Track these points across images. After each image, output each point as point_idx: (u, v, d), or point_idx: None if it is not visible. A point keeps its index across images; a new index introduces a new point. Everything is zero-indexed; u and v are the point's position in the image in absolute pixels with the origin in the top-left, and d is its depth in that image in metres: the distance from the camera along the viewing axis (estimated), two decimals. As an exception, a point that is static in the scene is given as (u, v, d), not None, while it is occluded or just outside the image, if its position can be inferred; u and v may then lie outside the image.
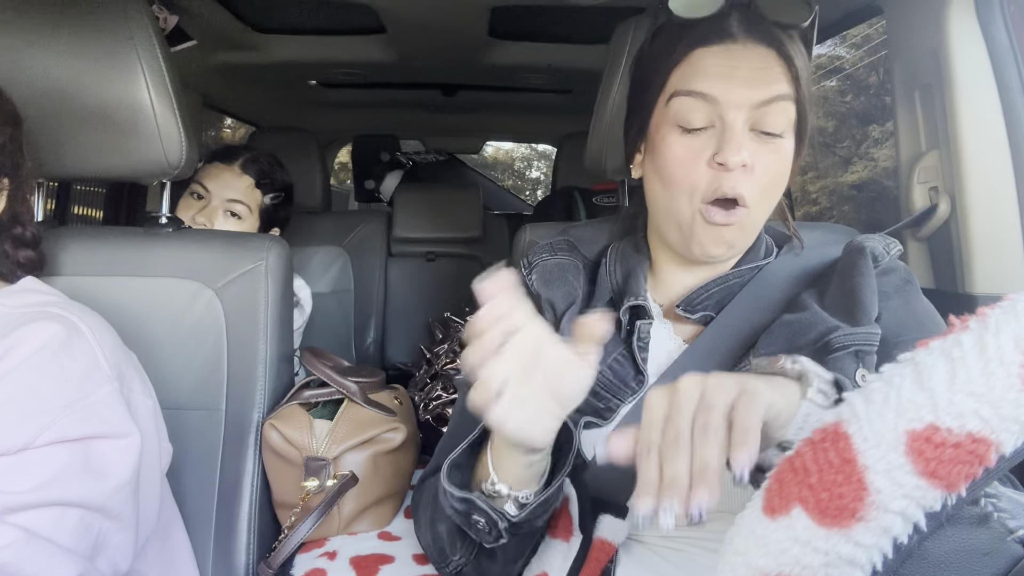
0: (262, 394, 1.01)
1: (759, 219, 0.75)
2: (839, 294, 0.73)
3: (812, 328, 0.70)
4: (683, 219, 0.74)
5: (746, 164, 0.69)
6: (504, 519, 0.63)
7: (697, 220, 0.72)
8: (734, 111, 0.70)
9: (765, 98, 0.70)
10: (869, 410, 0.43)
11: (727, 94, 0.70)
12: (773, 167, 0.71)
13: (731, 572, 0.47)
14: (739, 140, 0.69)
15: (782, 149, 0.72)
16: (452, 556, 0.73)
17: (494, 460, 0.64)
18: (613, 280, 0.83)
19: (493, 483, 0.64)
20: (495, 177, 7.70)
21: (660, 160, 0.74)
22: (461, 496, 0.63)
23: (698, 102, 0.71)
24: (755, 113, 0.70)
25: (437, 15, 1.56)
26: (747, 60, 0.71)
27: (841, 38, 7.14)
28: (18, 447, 0.66)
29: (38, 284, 0.85)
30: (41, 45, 0.95)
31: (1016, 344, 0.39)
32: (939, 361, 0.42)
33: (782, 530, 0.44)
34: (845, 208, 8.65)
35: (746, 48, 0.71)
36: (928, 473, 0.40)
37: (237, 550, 0.97)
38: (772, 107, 0.70)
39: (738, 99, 0.70)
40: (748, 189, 0.70)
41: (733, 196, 0.70)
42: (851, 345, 0.68)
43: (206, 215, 1.36)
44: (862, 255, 0.74)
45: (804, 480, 0.44)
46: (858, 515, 0.42)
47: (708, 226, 0.72)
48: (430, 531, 0.76)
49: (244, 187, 1.41)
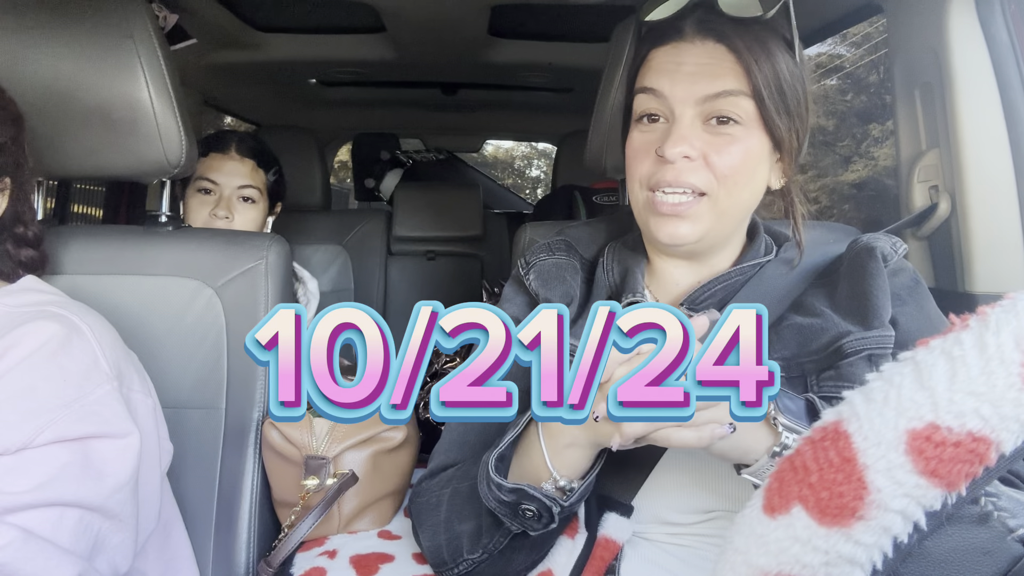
0: (262, 393, 1.01)
1: (729, 208, 0.74)
2: (850, 295, 0.74)
3: (824, 333, 0.71)
4: (640, 208, 0.77)
5: (689, 156, 0.71)
6: (557, 504, 0.64)
7: (649, 208, 0.75)
8: (680, 105, 0.72)
9: (711, 92, 0.71)
10: (869, 409, 0.43)
11: (672, 89, 0.72)
12: (729, 157, 0.72)
13: (731, 571, 0.47)
14: (681, 133, 0.71)
15: (738, 140, 0.72)
16: (470, 555, 0.73)
17: (552, 458, 0.65)
18: (611, 278, 0.83)
19: (556, 480, 0.65)
20: (495, 176, 7.69)
21: (627, 155, 0.78)
22: (513, 487, 0.64)
23: (651, 98, 0.74)
24: (704, 107, 0.72)
25: (437, 13, 1.56)
26: (694, 56, 0.73)
27: (841, 37, 7.13)
28: (17, 447, 0.66)
29: (38, 283, 0.84)
30: (41, 44, 0.95)
31: (1016, 343, 0.39)
32: (939, 360, 0.42)
33: (782, 529, 0.45)
34: (845, 207, 8.64)
35: (694, 45, 0.73)
36: (928, 472, 0.40)
37: (237, 549, 0.97)
38: (721, 100, 0.71)
39: (683, 94, 0.72)
40: (701, 179, 0.72)
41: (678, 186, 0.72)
42: (863, 349, 0.69)
43: (224, 208, 1.36)
44: (872, 256, 0.75)
45: (804, 479, 0.44)
46: (858, 514, 0.42)
47: (657, 215, 0.74)
48: (444, 532, 0.76)
49: (248, 171, 1.42)
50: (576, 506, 0.67)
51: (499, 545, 0.71)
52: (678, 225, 0.73)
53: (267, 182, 1.45)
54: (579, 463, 0.66)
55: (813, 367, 0.71)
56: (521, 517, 0.65)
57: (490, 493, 0.66)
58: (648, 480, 0.73)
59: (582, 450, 0.65)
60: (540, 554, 0.74)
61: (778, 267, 0.80)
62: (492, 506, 0.67)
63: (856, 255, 0.77)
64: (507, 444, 0.68)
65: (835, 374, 0.69)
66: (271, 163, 1.47)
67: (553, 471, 0.65)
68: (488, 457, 0.67)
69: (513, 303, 0.87)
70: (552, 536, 0.73)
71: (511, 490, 0.64)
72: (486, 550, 0.72)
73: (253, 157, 1.43)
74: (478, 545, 0.72)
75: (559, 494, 0.66)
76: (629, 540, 0.72)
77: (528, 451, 0.68)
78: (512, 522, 0.67)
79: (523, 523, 0.66)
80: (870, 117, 8.71)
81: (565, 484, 0.65)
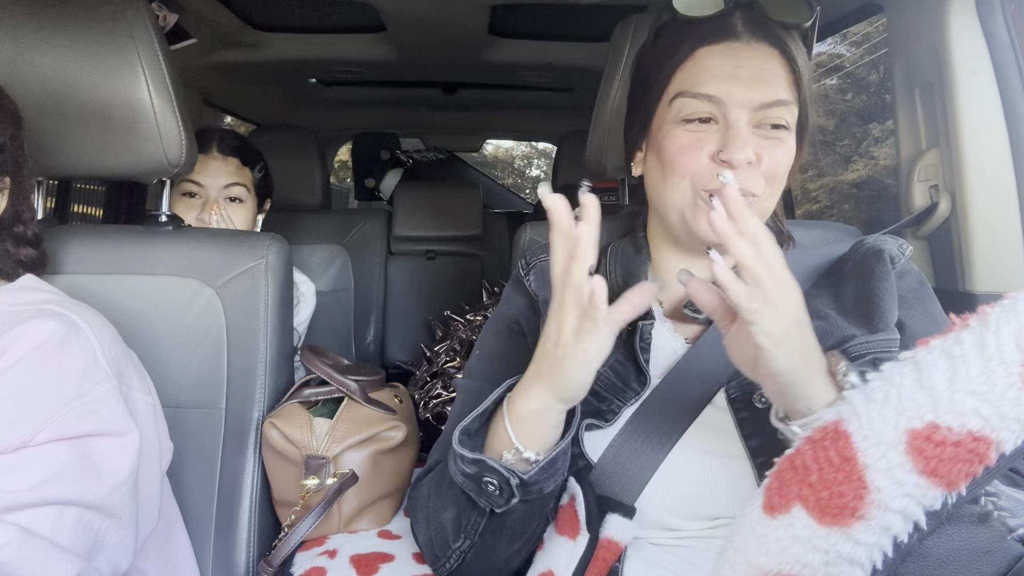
0: (262, 392, 1.01)
1: (767, 209, 0.75)
2: (855, 297, 0.73)
3: (829, 336, 0.71)
4: (685, 205, 0.74)
5: (751, 161, 0.70)
6: (515, 476, 0.64)
7: (699, 205, 0.73)
8: (738, 110, 0.70)
9: (768, 100, 0.71)
10: (869, 408, 0.43)
11: (731, 95, 0.70)
12: (777, 160, 0.72)
13: (732, 570, 0.47)
14: (743, 138, 0.70)
15: (785, 143, 0.73)
16: (455, 543, 0.73)
17: (514, 429, 0.65)
18: (613, 280, 0.83)
19: (520, 451, 0.65)
20: (495, 175, 7.69)
21: (664, 153, 0.74)
22: (473, 457, 0.64)
23: (703, 101, 0.71)
24: (759, 113, 0.71)
25: (437, 13, 1.56)
26: (750, 60, 0.71)
27: (841, 36, 7.13)
28: (16, 445, 0.66)
29: (38, 282, 0.84)
30: (41, 44, 0.95)
31: (1016, 343, 0.39)
32: (939, 359, 0.42)
33: (782, 528, 0.44)
34: (845, 206, 8.65)
35: (750, 47, 0.72)
36: (928, 471, 0.40)
37: (237, 548, 0.97)
38: (776, 108, 0.71)
39: (741, 98, 0.70)
40: (755, 182, 0.71)
41: (743, 192, 0.71)
42: (868, 353, 0.69)
43: (210, 211, 1.33)
44: (880, 259, 0.75)
45: (804, 479, 0.44)
46: (858, 513, 0.42)
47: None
48: (433, 524, 0.76)
49: (233, 170, 1.37)
50: (543, 485, 0.66)
51: (477, 527, 0.71)
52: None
53: (254, 179, 1.41)
54: (543, 432, 0.66)
55: None
56: (485, 491, 0.66)
57: (456, 467, 0.67)
58: (650, 486, 0.72)
59: (542, 416, 0.65)
60: (523, 541, 0.73)
61: None
62: (459, 481, 0.67)
63: (863, 257, 0.76)
64: (473, 418, 0.68)
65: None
66: (255, 160, 1.43)
67: (515, 441, 0.65)
68: (455, 431, 0.67)
69: (513, 304, 0.87)
70: (529, 520, 0.72)
71: (472, 461, 0.65)
72: (466, 534, 0.72)
73: (236, 155, 1.38)
74: (460, 531, 0.72)
75: (523, 465, 0.66)
76: (632, 542, 0.72)
77: (495, 430, 0.68)
78: (478, 499, 0.67)
79: (488, 499, 0.66)
80: (870, 116, 8.71)
81: (530, 456, 0.65)
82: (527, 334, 0.84)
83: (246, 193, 1.38)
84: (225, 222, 1.34)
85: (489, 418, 0.70)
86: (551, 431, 0.66)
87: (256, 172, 1.42)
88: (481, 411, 0.68)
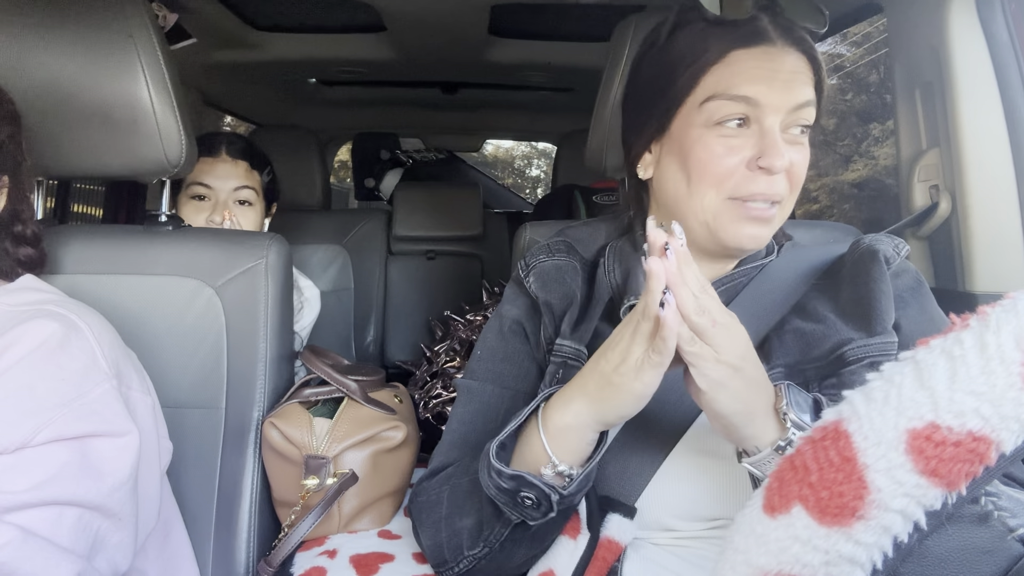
0: (262, 392, 1.01)
1: (788, 212, 0.77)
2: (852, 299, 0.74)
3: (826, 340, 0.71)
4: (710, 213, 0.73)
5: (788, 168, 0.71)
6: (556, 492, 0.64)
7: (726, 213, 0.73)
8: (774, 114, 0.71)
9: (800, 102, 0.71)
10: (870, 408, 0.43)
11: (768, 97, 0.70)
12: (802, 165, 0.73)
13: (731, 570, 0.47)
14: (780, 145, 0.70)
15: (806, 147, 0.74)
16: (471, 551, 0.73)
17: (549, 441, 0.65)
18: (612, 280, 0.83)
19: (555, 465, 0.65)
20: (495, 175, 7.70)
21: (692, 159, 0.73)
22: (512, 474, 0.64)
23: (739, 105, 0.71)
24: (789, 116, 0.72)
25: (437, 13, 1.56)
26: (785, 63, 0.72)
27: (842, 36, 7.13)
28: (15, 446, 0.66)
29: (37, 282, 0.84)
30: (41, 43, 0.95)
31: (1017, 342, 0.39)
32: (940, 359, 0.42)
33: (782, 528, 0.44)
34: (845, 206, 8.65)
35: (783, 51, 0.72)
36: (928, 471, 0.40)
37: (237, 548, 0.97)
38: (804, 110, 0.72)
39: (778, 103, 0.71)
40: (781, 188, 0.72)
41: (772, 196, 0.72)
42: (865, 357, 0.69)
43: (220, 213, 1.33)
44: (875, 260, 0.75)
45: (804, 478, 0.44)
46: (858, 513, 0.42)
47: (744, 220, 0.73)
48: (445, 530, 0.75)
49: (242, 172, 1.38)
50: (576, 497, 0.67)
51: (500, 537, 0.71)
52: (761, 228, 0.73)
53: (262, 183, 1.42)
54: (578, 447, 0.65)
55: (815, 374, 0.71)
56: (520, 506, 0.65)
57: (490, 481, 0.66)
58: (651, 487, 0.72)
59: (579, 432, 0.65)
60: (541, 548, 0.74)
61: (780, 267, 0.80)
62: (492, 494, 0.66)
63: (859, 258, 0.76)
64: (509, 433, 0.68)
65: (837, 382, 0.69)
66: (264, 163, 1.43)
67: (552, 455, 0.65)
68: (490, 445, 0.67)
69: (514, 305, 0.87)
70: (553, 529, 0.72)
71: (511, 476, 0.64)
72: (487, 543, 0.71)
73: (245, 158, 1.39)
74: (479, 539, 0.72)
75: (558, 480, 0.66)
76: (633, 543, 0.72)
77: (528, 440, 0.68)
78: (512, 511, 0.67)
79: (523, 512, 0.66)
80: (870, 116, 8.72)
81: (564, 469, 0.65)
82: (529, 335, 0.84)
83: (255, 196, 1.39)
84: (235, 226, 1.34)
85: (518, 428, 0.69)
86: (585, 447, 0.66)
87: (264, 175, 1.43)
88: (519, 423, 0.68)
